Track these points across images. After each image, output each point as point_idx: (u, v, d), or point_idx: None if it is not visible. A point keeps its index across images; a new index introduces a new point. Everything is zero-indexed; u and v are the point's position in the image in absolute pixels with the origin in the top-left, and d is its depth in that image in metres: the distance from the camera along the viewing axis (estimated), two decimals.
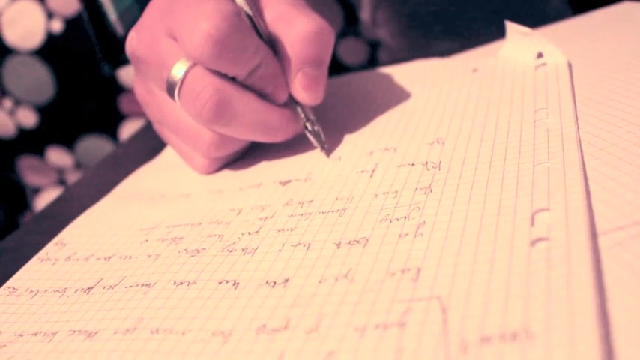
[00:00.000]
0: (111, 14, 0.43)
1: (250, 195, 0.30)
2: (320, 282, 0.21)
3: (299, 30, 0.30)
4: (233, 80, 0.30)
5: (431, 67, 0.38)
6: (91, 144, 0.51)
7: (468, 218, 0.22)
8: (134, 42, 0.32)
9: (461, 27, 0.50)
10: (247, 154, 0.35)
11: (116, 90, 0.49)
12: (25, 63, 0.48)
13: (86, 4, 0.43)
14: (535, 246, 0.19)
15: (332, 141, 0.33)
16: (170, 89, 0.30)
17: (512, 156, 0.25)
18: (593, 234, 0.19)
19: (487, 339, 0.17)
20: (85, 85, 0.49)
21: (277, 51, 0.31)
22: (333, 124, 0.34)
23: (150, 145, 0.40)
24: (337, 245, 0.23)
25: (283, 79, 0.31)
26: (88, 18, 0.43)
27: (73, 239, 0.30)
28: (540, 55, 0.33)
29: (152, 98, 0.34)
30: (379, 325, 0.18)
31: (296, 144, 0.33)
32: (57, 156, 0.52)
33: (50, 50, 0.47)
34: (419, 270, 0.20)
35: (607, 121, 0.26)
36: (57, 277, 0.27)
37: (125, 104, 0.50)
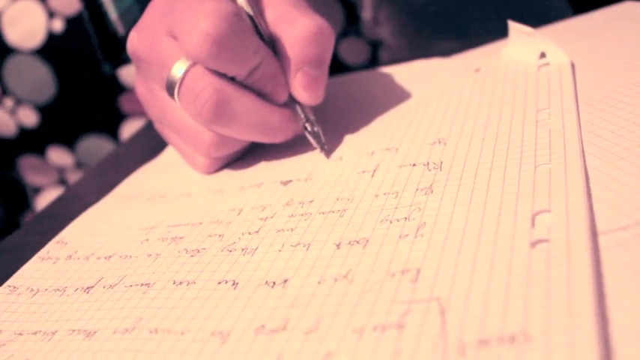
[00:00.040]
0: (111, 14, 0.43)
1: (251, 195, 0.30)
2: (319, 283, 0.21)
3: (299, 30, 0.30)
4: (233, 80, 0.30)
5: (432, 67, 0.38)
6: (92, 143, 0.51)
7: (469, 219, 0.22)
8: (135, 42, 0.32)
9: (462, 26, 0.50)
10: (248, 154, 0.35)
11: (117, 89, 0.49)
12: (26, 62, 0.48)
13: (87, 4, 0.43)
14: (535, 247, 0.19)
15: (333, 141, 0.33)
16: (170, 89, 0.30)
17: (513, 157, 0.25)
18: (593, 236, 0.19)
19: (485, 342, 0.16)
20: (86, 85, 0.49)
21: (278, 51, 0.31)
22: (334, 124, 0.34)
23: (150, 145, 0.40)
24: (337, 246, 0.23)
25: (283, 79, 0.31)
26: (89, 17, 0.43)
27: (74, 238, 0.30)
28: (543, 55, 0.33)
29: (153, 98, 0.34)
30: (378, 327, 0.18)
31: (297, 144, 0.33)
32: (58, 155, 0.52)
33: (51, 50, 0.47)
34: (418, 271, 0.20)
35: (609, 121, 0.26)
36: (57, 276, 0.27)
37: (126, 104, 0.50)
